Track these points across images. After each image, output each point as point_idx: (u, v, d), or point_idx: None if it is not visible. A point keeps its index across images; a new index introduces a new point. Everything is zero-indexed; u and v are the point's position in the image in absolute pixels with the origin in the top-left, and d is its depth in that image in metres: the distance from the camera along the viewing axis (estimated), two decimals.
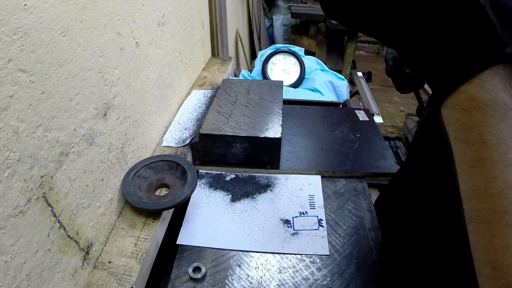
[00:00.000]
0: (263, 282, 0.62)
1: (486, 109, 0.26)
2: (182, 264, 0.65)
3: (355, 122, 1.06)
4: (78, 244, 0.55)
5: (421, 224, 0.58)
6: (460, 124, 0.28)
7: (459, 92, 0.27)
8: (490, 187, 0.26)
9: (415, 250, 0.59)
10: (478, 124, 0.26)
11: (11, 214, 0.42)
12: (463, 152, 0.28)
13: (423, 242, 0.58)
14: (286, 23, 3.26)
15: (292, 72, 1.64)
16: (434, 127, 0.46)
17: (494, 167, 0.26)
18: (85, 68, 0.56)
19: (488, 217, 0.26)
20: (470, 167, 0.27)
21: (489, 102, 0.26)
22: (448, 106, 0.28)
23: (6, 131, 0.41)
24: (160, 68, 0.88)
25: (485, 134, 0.26)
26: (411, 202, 0.63)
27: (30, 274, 0.45)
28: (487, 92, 0.26)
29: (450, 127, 0.29)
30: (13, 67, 0.41)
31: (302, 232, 0.71)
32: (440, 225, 0.53)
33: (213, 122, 0.85)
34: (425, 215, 0.57)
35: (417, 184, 0.60)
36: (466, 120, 0.27)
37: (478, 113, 0.26)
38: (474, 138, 0.27)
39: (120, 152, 0.69)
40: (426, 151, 0.55)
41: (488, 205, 0.26)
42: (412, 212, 0.62)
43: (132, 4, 0.70)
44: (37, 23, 0.44)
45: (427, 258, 0.56)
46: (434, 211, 0.55)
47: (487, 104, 0.26)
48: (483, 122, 0.26)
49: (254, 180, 0.84)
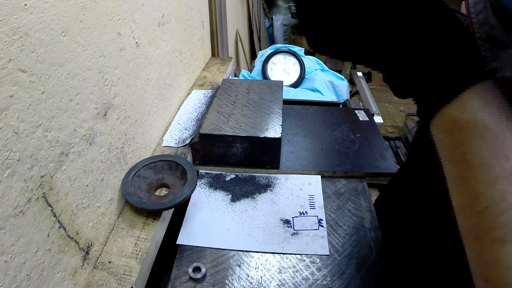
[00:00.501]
0: (263, 282, 0.62)
1: (466, 130, 0.27)
2: (182, 264, 0.65)
3: (355, 122, 1.06)
4: (78, 244, 0.55)
5: (421, 224, 0.58)
6: (444, 144, 0.29)
7: (441, 113, 0.28)
8: (475, 204, 0.27)
9: (415, 250, 0.59)
10: (460, 144, 0.27)
11: (11, 214, 0.42)
12: (449, 170, 0.29)
13: (423, 242, 0.58)
14: (286, 23, 3.26)
15: (292, 72, 1.64)
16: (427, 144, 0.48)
17: (477, 185, 0.27)
18: (85, 68, 0.56)
19: (476, 233, 0.27)
20: (456, 185, 0.28)
21: (469, 123, 0.27)
22: (433, 125, 0.29)
23: (6, 131, 0.41)
24: (160, 68, 0.88)
25: (467, 154, 0.27)
26: (411, 202, 0.63)
27: (30, 274, 0.45)
28: (467, 113, 0.27)
29: (437, 145, 0.30)
30: (13, 67, 0.41)
31: (302, 232, 0.71)
32: (440, 225, 0.53)
33: (213, 122, 0.85)
34: (425, 215, 0.57)
35: (417, 184, 0.60)
36: (448, 140, 0.28)
37: (459, 134, 0.27)
38: (457, 158, 0.28)
39: (120, 152, 0.69)
40: (426, 152, 0.55)
41: (475, 221, 0.27)
42: (412, 212, 0.62)
43: (132, 4, 0.70)
44: (37, 23, 0.44)
45: (427, 258, 0.56)
46: (434, 211, 0.55)
47: (467, 125, 0.27)
48: (465, 143, 0.27)
49: (254, 180, 0.84)
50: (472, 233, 0.28)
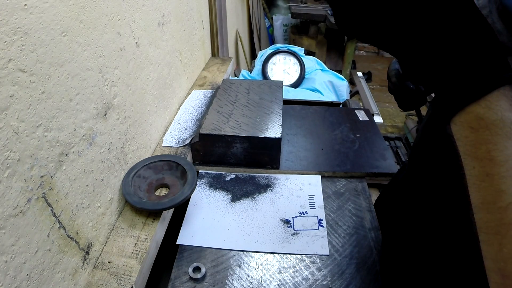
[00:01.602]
0: (263, 282, 0.62)
1: (493, 128, 0.27)
2: (182, 264, 0.65)
3: (355, 122, 1.06)
4: (78, 244, 0.55)
5: (422, 224, 0.58)
6: (469, 141, 0.29)
7: (467, 111, 0.29)
8: (498, 200, 0.28)
9: (415, 250, 0.59)
10: (486, 141, 0.28)
11: (11, 214, 0.42)
12: (472, 167, 0.29)
13: (423, 242, 0.58)
14: (286, 23, 3.26)
15: (292, 72, 1.64)
16: (441, 137, 0.48)
17: (501, 182, 0.27)
18: (85, 68, 0.56)
19: (497, 228, 0.28)
20: (479, 181, 0.29)
21: (496, 121, 0.27)
22: (457, 123, 0.30)
23: (6, 131, 0.41)
24: (160, 68, 0.88)
25: (492, 151, 0.28)
26: (412, 202, 0.63)
27: (30, 274, 0.45)
28: (494, 113, 0.27)
29: (459, 143, 0.30)
30: (13, 67, 0.41)
31: (302, 232, 0.71)
32: (441, 225, 0.53)
33: (213, 122, 0.85)
34: (427, 215, 0.57)
35: (420, 185, 0.60)
36: (474, 137, 0.29)
37: (485, 131, 0.28)
38: (482, 155, 0.28)
39: (120, 152, 0.69)
40: (429, 153, 0.55)
41: (497, 217, 0.28)
42: (413, 212, 0.62)
43: (132, 4, 0.70)
44: (37, 23, 0.44)
45: (427, 258, 0.56)
46: (436, 212, 0.55)
47: (494, 124, 0.27)
48: (490, 140, 0.28)
49: (254, 180, 0.84)
50: (492, 228, 0.28)
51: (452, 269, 0.51)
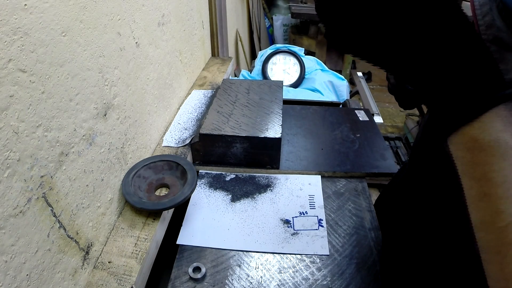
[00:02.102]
0: (263, 282, 0.62)
1: (488, 149, 0.27)
2: (182, 264, 0.65)
3: (355, 122, 1.06)
4: (78, 244, 0.55)
5: (422, 224, 0.58)
6: (465, 161, 0.29)
7: (462, 132, 0.28)
8: (497, 220, 0.28)
9: (415, 250, 0.59)
10: (482, 162, 0.28)
11: (11, 214, 0.42)
12: (470, 186, 0.29)
13: (423, 242, 0.58)
14: (286, 23, 3.25)
15: (292, 72, 1.64)
16: (438, 153, 0.48)
17: (499, 202, 0.27)
18: (85, 68, 0.56)
19: (497, 248, 0.28)
20: (477, 201, 0.29)
21: (491, 143, 0.27)
22: (453, 142, 0.29)
23: (6, 131, 0.41)
24: (160, 68, 0.88)
25: (489, 172, 0.28)
26: (412, 202, 0.63)
27: (30, 274, 0.45)
28: (488, 134, 0.27)
29: (457, 162, 0.30)
30: (13, 67, 0.41)
31: (302, 232, 0.71)
32: (441, 226, 0.53)
33: (213, 122, 0.85)
34: (427, 216, 0.57)
35: (419, 185, 0.60)
36: (470, 158, 0.28)
37: (481, 152, 0.28)
38: (479, 175, 0.28)
39: (120, 152, 0.69)
40: (428, 154, 0.55)
41: (497, 237, 0.28)
42: (413, 212, 0.62)
43: (132, 4, 0.70)
44: (37, 23, 0.44)
45: (427, 258, 0.56)
46: (436, 212, 0.55)
47: (489, 145, 0.27)
48: (487, 161, 0.28)
49: (254, 180, 0.84)
50: (493, 248, 0.28)
51: (452, 269, 0.51)
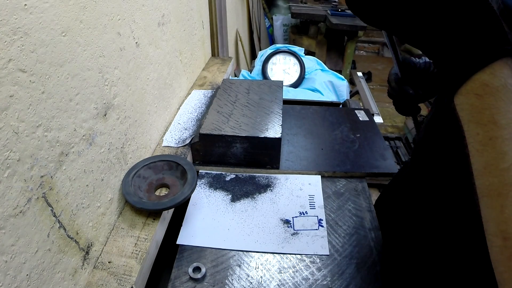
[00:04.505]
0: (263, 282, 0.62)
1: (497, 94, 0.29)
2: (182, 264, 0.65)
3: (355, 122, 1.06)
4: (78, 244, 0.55)
5: (423, 224, 0.58)
6: (474, 108, 0.31)
7: (473, 79, 0.31)
8: (501, 162, 0.29)
9: (415, 250, 0.59)
10: (490, 106, 0.30)
11: (11, 214, 0.42)
12: (476, 133, 0.31)
13: (424, 242, 0.58)
14: (286, 23, 3.25)
15: (292, 72, 1.64)
16: (444, 121, 0.51)
17: (504, 144, 0.29)
18: (85, 68, 0.56)
19: (499, 190, 0.29)
20: (482, 146, 0.30)
21: (500, 87, 0.29)
22: (463, 93, 0.32)
23: (6, 131, 0.41)
24: (160, 68, 0.88)
25: (496, 115, 0.29)
26: (413, 202, 0.63)
27: (30, 274, 0.45)
28: (498, 79, 0.29)
29: (464, 112, 0.32)
30: (13, 67, 0.41)
31: (302, 232, 0.71)
32: (442, 225, 0.53)
33: (213, 122, 0.85)
34: (428, 215, 0.57)
35: (422, 183, 0.60)
36: (479, 103, 0.30)
37: (490, 97, 0.30)
38: (486, 119, 0.30)
39: (120, 152, 0.69)
40: (432, 149, 0.55)
41: (499, 179, 0.29)
42: (414, 212, 0.62)
43: (132, 4, 0.70)
44: (37, 23, 0.44)
45: (427, 258, 0.56)
46: (438, 212, 0.55)
47: (498, 89, 0.29)
48: (494, 105, 0.30)
49: (254, 180, 0.84)
50: (494, 191, 0.30)
51: (453, 269, 0.51)
